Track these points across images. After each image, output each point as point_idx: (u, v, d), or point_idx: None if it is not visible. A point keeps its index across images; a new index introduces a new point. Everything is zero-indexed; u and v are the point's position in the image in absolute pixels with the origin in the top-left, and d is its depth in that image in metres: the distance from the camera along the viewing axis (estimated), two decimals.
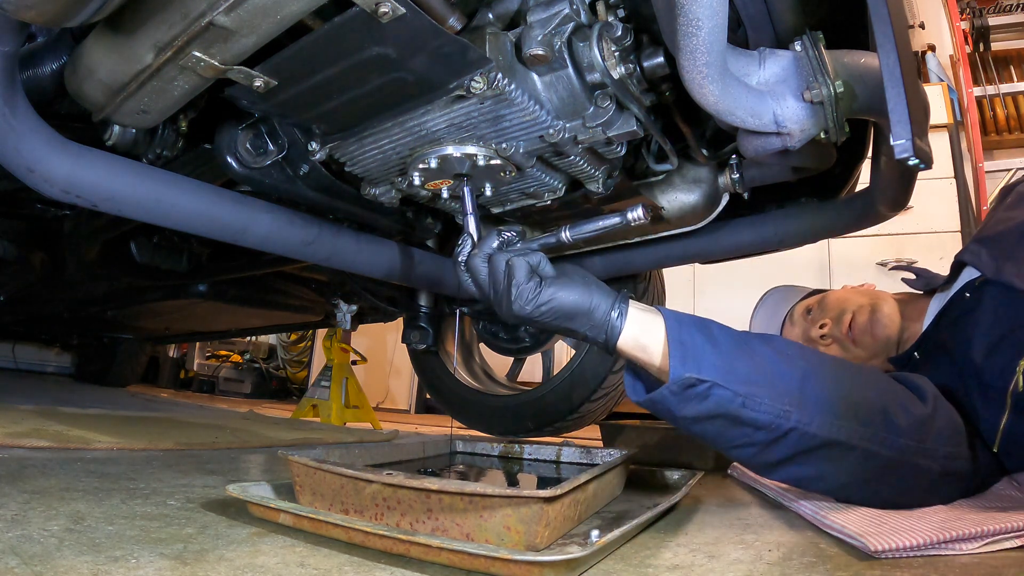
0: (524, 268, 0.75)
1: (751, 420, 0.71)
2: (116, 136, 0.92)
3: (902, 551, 0.64)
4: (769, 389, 0.72)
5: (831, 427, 0.72)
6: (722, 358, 0.72)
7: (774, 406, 0.71)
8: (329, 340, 2.74)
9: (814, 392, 0.73)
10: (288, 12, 0.63)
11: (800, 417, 0.72)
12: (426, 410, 4.10)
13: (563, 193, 1.02)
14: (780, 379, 0.73)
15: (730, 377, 0.70)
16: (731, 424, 0.72)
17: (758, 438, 0.73)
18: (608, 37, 0.77)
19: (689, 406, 0.71)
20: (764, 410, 0.71)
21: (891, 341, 1.12)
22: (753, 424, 0.72)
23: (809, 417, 0.72)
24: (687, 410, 0.72)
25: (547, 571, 0.54)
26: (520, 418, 1.73)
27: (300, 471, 0.73)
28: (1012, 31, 3.58)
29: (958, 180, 2.92)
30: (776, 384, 0.72)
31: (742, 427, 0.72)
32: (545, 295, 0.74)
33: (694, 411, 0.72)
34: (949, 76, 3.34)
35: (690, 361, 0.70)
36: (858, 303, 1.18)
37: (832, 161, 0.98)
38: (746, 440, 0.74)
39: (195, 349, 5.03)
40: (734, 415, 0.71)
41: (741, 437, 0.74)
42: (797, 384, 0.73)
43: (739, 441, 0.74)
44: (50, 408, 1.84)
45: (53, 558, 0.54)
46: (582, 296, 0.75)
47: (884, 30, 0.62)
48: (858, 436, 0.73)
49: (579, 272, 0.78)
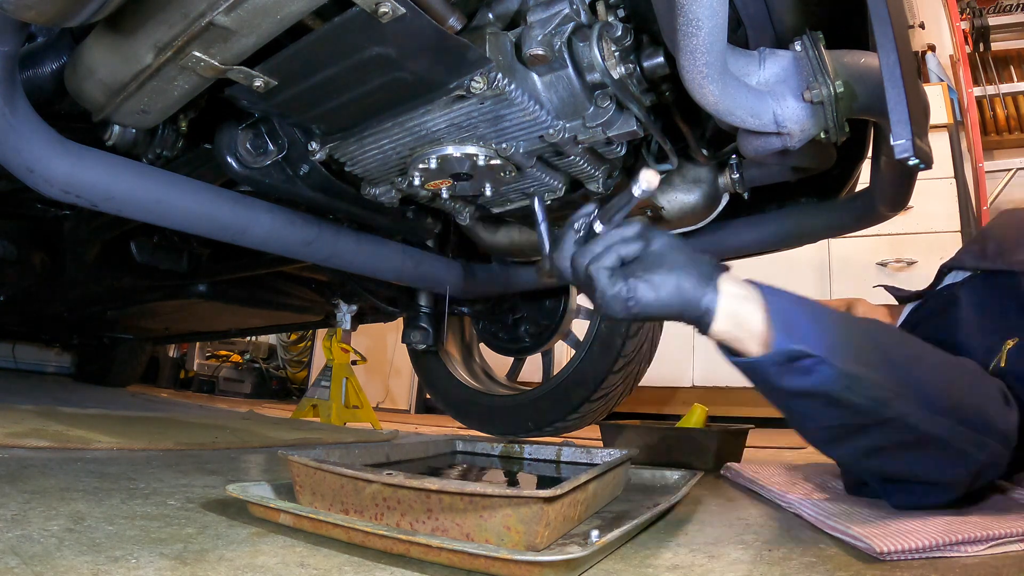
0: (605, 275, 0.68)
1: (851, 402, 0.66)
2: (116, 136, 0.92)
3: (908, 553, 0.64)
4: (875, 372, 0.67)
5: (931, 421, 0.68)
6: (828, 335, 0.67)
7: (878, 391, 0.66)
8: (329, 340, 2.73)
9: (922, 381, 0.69)
10: (288, 12, 0.63)
11: (905, 406, 0.67)
12: (426, 410, 4.09)
13: (563, 193, 1.02)
14: (886, 363, 0.68)
15: (837, 355, 0.65)
16: (828, 404, 0.67)
17: (852, 421, 0.68)
18: (608, 37, 0.77)
19: (791, 379, 0.66)
20: (867, 394, 0.66)
21: None
22: (852, 407, 0.66)
23: (913, 408, 0.67)
24: (788, 382, 0.66)
25: (547, 571, 0.54)
26: (520, 418, 1.73)
27: (300, 471, 0.73)
28: (1012, 31, 3.58)
29: (958, 180, 2.92)
30: (882, 368, 0.68)
31: (840, 408, 0.67)
32: (636, 298, 0.67)
33: (795, 385, 0.66)
34: (949, 76, 3.34)
35: (796, 334, 0.65)
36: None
37: (832, 161, 0.98)
38: (838, 422, 0.69)
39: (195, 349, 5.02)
40: (835, 395, 0.66)
41: (834, 418, 0.69)
42: (905, 371, 0.69)
43: (829, 422, 0.69)
44: (50, 408, 1.84)
45: (53, 558, 0.54)
46: (671, 292, 0.68)
47: (884, 30, 0.62)
48: (956, 435, 0.69)
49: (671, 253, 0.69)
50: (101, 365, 3.45)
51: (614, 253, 0.68)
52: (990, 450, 0.72)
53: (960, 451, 0.71)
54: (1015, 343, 0.84)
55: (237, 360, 4.91)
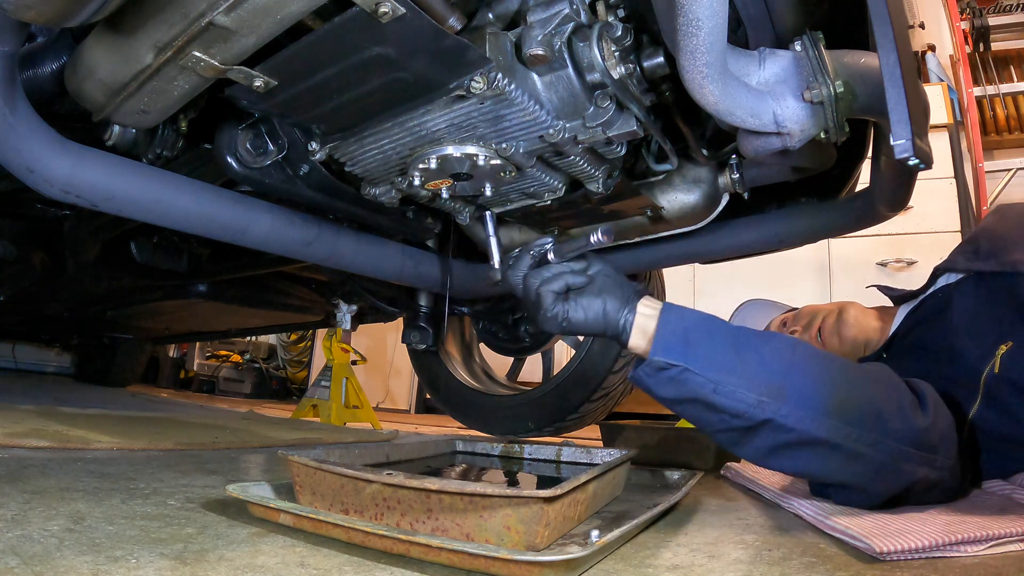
0: (551, 298, 0.80)
1: (723, 406, 0.74)
2: (116, 136, 0.92)
3: (908, 553, 0.64)
4: (744, 378, 0.74)
5: (812, 422, 0.73)
6: (700, 347, 0.75)
7: (748, 395, 0.73)
8: (329, 340, 2.73)
9: (797, 386, 0.74)
10: (288, 12, 0.63)
11: (778, 409, 0.73)
12: (426, 410, 4.10)
13: (563, 193, 1.02)
14: (760, 370, 0.74)
15: (702, 363, 0.74)
16: (707, 409, 0.75)
17: (735, 424, 0.75)
18: (608, 37, 0.77)
19: (665, 388, 0.76)
20: (737, 398, 0.73)
21: (858, 342, 1.15)
22: (726, 411, 0.74)
23: (788, 410, 0.73)
24: (664, 391, 0.77)
25: (547, 571, 0.54)
26: (520, 418, 1.73)
27: (300, 471, 0.73)
28: (1012, 31, 3.58)
29: (958, 180, 2.92)
30: (754, 374, 0.74)
31: (718, 413, 0.75)
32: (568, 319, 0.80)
33: (671, 393, 0.76)
34: (949, 76, 3.34)
35: (668, 347, 0.75)
36: (827, 310, 1.23)
37: (832, 161, 0.98)
38: (725, 426, 0.76)
39: (195, 349, 5.03)
40: (707, 400, 0.74)
41: (720, 423, 0.76)
42: (780, 376, 0.74)
43: (720, 427, 0.77)
44: (50, 408, 1.84)
45: (53, 558, 0.54)
46: (597, 313, 0.80)
47: (884, 30, 0.62)
48: (843, 435, 0.73)
49: (604, 281, 0.82)
50: (101, 365, 3.45)
51: (562, 280, 0.81)
52: (889, 451, 0.74)
53: (853, 452, 0.74)
54: (1009, 348, 0.84)
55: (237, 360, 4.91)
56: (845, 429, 0.73)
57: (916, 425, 0.75)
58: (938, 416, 0.79)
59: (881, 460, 0.74)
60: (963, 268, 0.97)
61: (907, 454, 0.75)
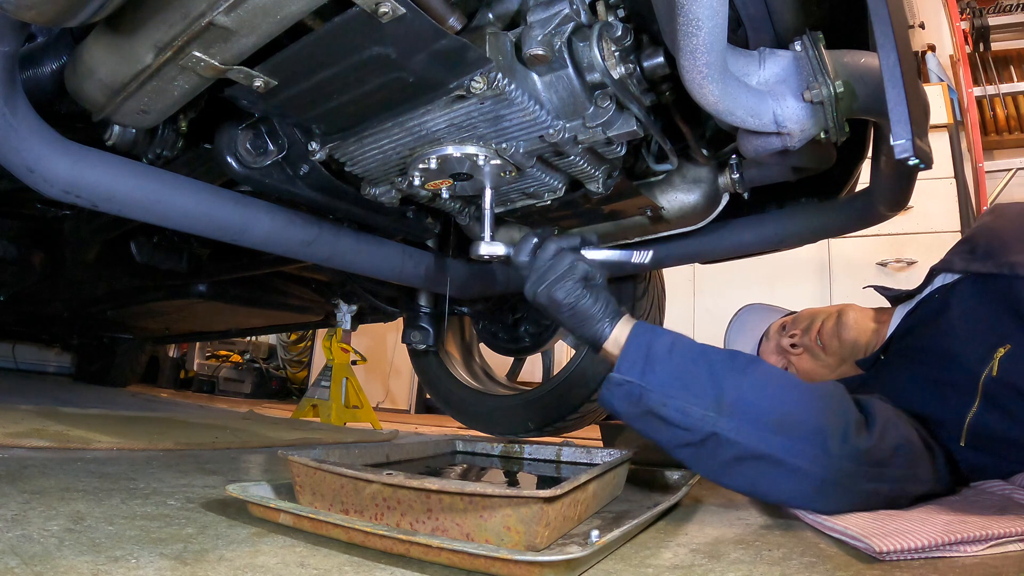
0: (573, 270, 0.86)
1: (672, 419, 0.77)
2: (116, 136, 0.92)
3: (908, 553, 0.64)
4: (693, 394, 0.77)
5: (756, 438, 0.75)
6: (657, 363, 0.79)
7: (695, 409, 0.76)
8: (329, 340, 2.73)
9: (745, 402, 0.76)
10: (288, 12, 0.63)
11: (724, 424, 0.75)
12: (426, 410, 4.09)
13: (563, 193, 1.02)
14: (709, 385, 0.77)
15: (652, 379, 0.78)
16: (661, 423, 0.78)
17: (687, 439, 0.78)
18: (608, 37, 0.77)
19: (622, 403, 0.80)
20: (684, 411, 0.77)
21: (858, 344, 1.15)
22: (676, 424, 0.77)
23: (734, 424, 0.75)
24: (620, 407, 0.81)
25: (547, 571, 0.54)
26: (520, 418, 1.73)
27: (300, 471, 0.73)
28: (1012, 31, 3.58)
29: (958, 180, 2.92)
30: (703, 390, 0.77)
31: (671, 427, 0.78)
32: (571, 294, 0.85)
33: (626, 408, 0.80)
34: (949, 76, 3.34)
35: (632, 363, 0.80)
36: (826, 313, 1.23)
37: (832, 161, 0.98)
38: (680, 441, 0.79)
39: (195, 349, 5.02)
40: (658, 414, 0.78)
41: (674, 438, 0.79)
42: (732, 393, 0.77)
43: (675, 442, 0.79)
44: (50, 408, 1.84)
45: (53, 558, 0.54)
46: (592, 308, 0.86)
47: (884, 30, 0.62)
48: (784, 450, 0.74)
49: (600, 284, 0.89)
50: (101, 365, 3.45)
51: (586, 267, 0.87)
52: (831, 467, 0.75)
53: (794, 467, 0.75)
54: (1007, 351, 0.84)
55: (237, 360, 4.91)
56: (787, 444, 0.75)
57: (858, 444, 0.76)
58: (887, 433, 0.79)
59: (822, 476, 0.75)
60: (960, 269, 0.97)
61: (849, 470, 0.75)
